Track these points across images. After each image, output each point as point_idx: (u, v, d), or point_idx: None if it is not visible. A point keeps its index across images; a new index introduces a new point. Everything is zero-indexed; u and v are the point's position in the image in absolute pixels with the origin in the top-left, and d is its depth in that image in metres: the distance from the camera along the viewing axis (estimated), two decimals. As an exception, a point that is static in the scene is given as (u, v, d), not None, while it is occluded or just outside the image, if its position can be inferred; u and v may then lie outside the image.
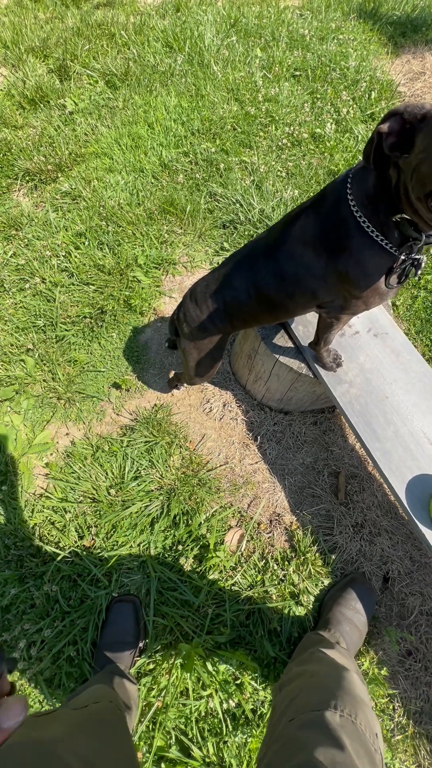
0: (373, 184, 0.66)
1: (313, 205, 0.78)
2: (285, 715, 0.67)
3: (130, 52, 2.44)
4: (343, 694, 0.66)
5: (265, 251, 0.86)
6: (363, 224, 0.68)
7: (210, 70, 2.29)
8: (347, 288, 0.77)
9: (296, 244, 0.79)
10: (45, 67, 2.43)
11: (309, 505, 1.26)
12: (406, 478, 0.94)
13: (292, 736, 0.60)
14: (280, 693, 0.79)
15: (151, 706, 1.02)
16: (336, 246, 0.73)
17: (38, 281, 1.60)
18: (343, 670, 0.77)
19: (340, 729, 0.58)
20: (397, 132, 0.57)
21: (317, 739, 0.56)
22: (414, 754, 0.98)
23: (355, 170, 0.69)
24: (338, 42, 2.50)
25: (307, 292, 0.83)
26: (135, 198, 1.82)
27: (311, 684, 0.74)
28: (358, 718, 0.61)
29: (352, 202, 0.68)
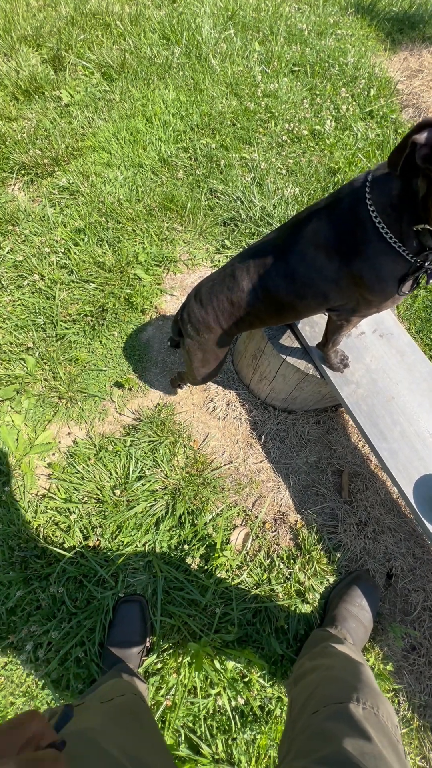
0: (398, 193, 0.65)
1: (327, 207, 0.77)
2: (306, 708, 0.68)
3: (126, 43, 2.39)
4: (363, 687, 0.67)
5: (274, 252, 0.85)
6: (382, 230, 0.68)
7: (208, 63, 2.26)
8: (361, 292, 0.77)
9: (308, 246, 0.79)
10: (39, 56, 2.37)
11: (313, 503, 1.27)
12: (413, 478, 0.95)
13: (318, 728, 0.61)
14: (295, 687, 0.80)
15: (159, 705, 1.03)
16: (352, 250, 0.73)
17: (37, 278, 1.57)
18: (358, 664, 0.78)
19: (365, 721, 0.59)
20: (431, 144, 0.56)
21: (344, 730, 0.57)
22: (419, 747, 1.00)
23: (377, 175, 0.69)
24: (336, 37, 2.49)
25: (318, 294, 0.82)
26: (134, 194, 1.80)
27: (329, 677, 0.76)
28: (380, 710, 0.63)
29: (371, 207, 0.68)
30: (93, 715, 0.62)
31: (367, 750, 0.54)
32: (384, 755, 0.53)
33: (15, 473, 1.28)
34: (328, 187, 1.83)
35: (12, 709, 1.03)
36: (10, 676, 1.05)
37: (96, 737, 0.53)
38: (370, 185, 0.68)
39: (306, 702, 0.70)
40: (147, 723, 0.69)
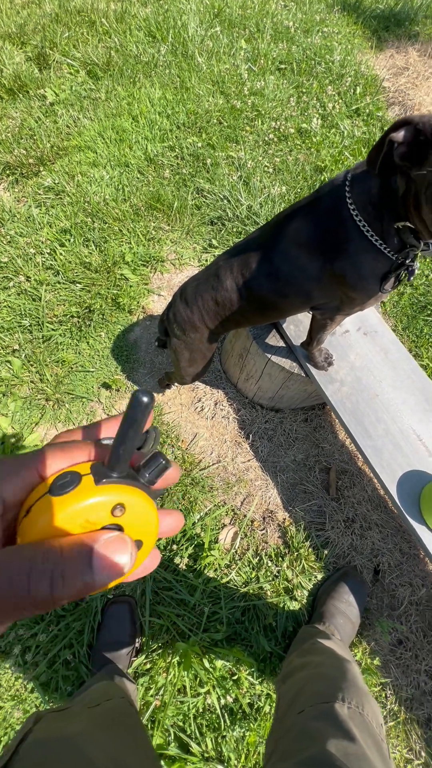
0: (377, 191, 0.66)
1: (308, 205, 0.77)
2: (293, 707, 0.69)
3: (112, 40, 2.37)
4: (349, 686, 0.68)
5: (258, 251, 0.85)
6: (363, 228, 0.68)
7: (194, 61, 2.25)
8: (343, 290, 0.77)
9: (291, 245, 0.79)
10: (23, 54, 2.35)
11: (301, 501, 1.28)
12: (396, 475, 0.96)
13: (303, 727, 0.61)
14: (284, 684, 0.81)
15: (149, 705, 1.03)
16: (333, 248, 0.73)
17: (22, 279, 1.56)
18: (345, 661, 0.79)
19: (349, 720, 0.59)
20: (409, 142, 0.57)
21: (328, 731, 0.57)
22: (406, 739, 1.02)
23: (356, 174, 0.69)
24: (323, 35, 2.49)
25: (301, 293, 0.83)
26: (121, 193, 1.79)
27: (316, 675, 0.76)
28: (365, 709, 0.63)
29: (352, 206, 0.68)
30: (78, 720, 0.61)
31: (351, 751, 0.54)
32: (368, 756, 0.54)
33: None
34: (314, 185, 1.83)
35: (1, 713, 1.03)
36: (-2, 680, 1.05)
37: (80, 743, 0.53)
38: (350, 183, 0.68)
39: (293, 700, 0.71)
40: (134, 727, 0.69)
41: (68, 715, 0.63)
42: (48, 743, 0.51)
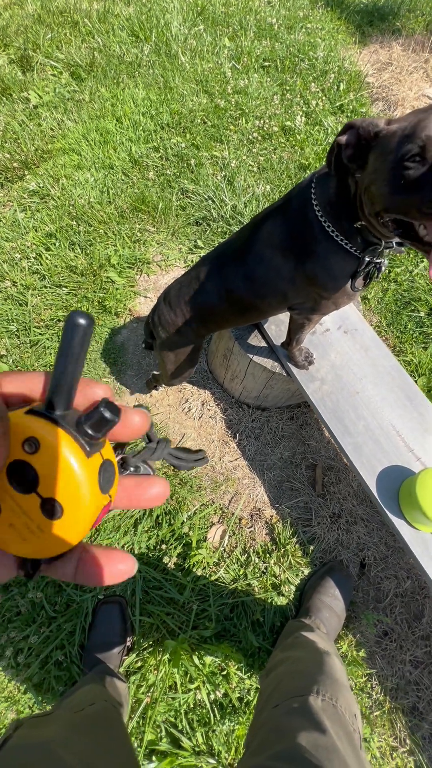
0: (335, 191, 0.67)
1: (279, 208, 0.79)
2: (270, 701, 0.71)
3: (95, 41, 2.36)
4: (324, 679, 0.69)
5: (234, 254, 0.87)
6: (327, 228, 0.69)
7: (178, 61, 2.25)
8: (316, 290, 0.79)
9: (265, 247, 0.81)
10: (5, 57, 2.34)
11: (288, 498, 1.30)
12: (376, 471, 0.98)
13: (276, 722, 0.63)
14: (266, 679, 0.83)
15: (140, 702, 1.05)
16: (303, 250, 0.75)
17: (9, 284, 1.56)
18: (324, 654, 0.80)
19: (322, 713, 0.61)
20: (354, 145, 0.58)
21: (300, 724, 0.59)
22: (391, 728, 1.04)
23: (320, 175, 0.70)
24: (306, 31, 2.49)
25: (277, 294, 0.84)
26: (105, 196, 1.79)
27: (294, 670, 0.78)
28: (339, 701, 0.65)
29: (317, 206, 0.69)
30: (59, 726, 0.62)
31: (321, 743, 0.55)
32: (338, 746, 0.55)
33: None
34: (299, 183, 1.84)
35: (-5, 714, 1.04)
36: (-9, 682, 1.07)
37: (54, 748, 0.53)
38: (315, 185, 0.70)
39: (270, 695, 0.73)
40: (113, 731, 0.69)
41: (49, 720, 0.63)
42: (23, 749, 0.52)
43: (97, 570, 0.23)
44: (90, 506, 0.20)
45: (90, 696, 0.80)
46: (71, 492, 0.20)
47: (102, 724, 0.69)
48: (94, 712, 0.72)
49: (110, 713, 0.76)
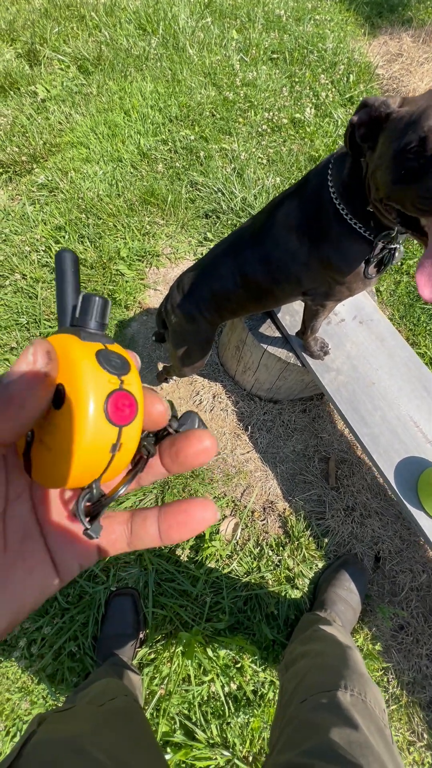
0: (349, 172, 0.66)
1: (296, 190, 0.77)
2: (296, 696, 0.69)
3: (102, 34, 2.35)
4: (350, 674, 0.68)
5: (251, 238, 0.86)
6: (342, 211, 0.68)
7: (185, 53, 2.23)
8: (330, 274, 0.77)
9: (281, 230, 0.79)
10: (13, 51, 2.33)
11: (301, 491, 1.29)
12: (394, 462, 0.96)
13: (306, 717, 0.61)
14: (286, 672, 0.81)
15: (154, 694, 1.04)
16: (317, 233, 0.74)
17: (18, 277, 1.56)
18: (346, 648, 0.79)
19: (352, 708, 0.59)
20: (367, 123, 0.57)
21: (331, 720, 0.57)
22: (408, 722, 1.03)
23: (337, 155, 0.69)
24: (315, 23, 2.46)
25: (292, 278, 0.83)
26: (114, 189, 1.78)
27: (318, 664, 0.77)
28: (368, 696, 0.64)
29: (332, 188, 0.68)
30: (83, 720, 0.61)
31: (354, 738, 0.54)
32: (371, 743, 0.54)
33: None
34: (309, 175, 1.82)
35: (9, 705, 1.04)
36: (5, 673, 1.06)
37: (84, 744, 0.52)
38: (332, 166, 0.68)
39: (295, 689, 0.71)
40: (139, 726, 0.69)
41: (72, 715, 0.63)
42: (52, 744, 0.51)
43: (180, 524, 0.23)
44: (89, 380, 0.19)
45: (110, 690, 0.79)
46: (70, 371, 0.19)
47: (126, 720, 0.68)
48: (116, 707, 0.71)
49: (132, 708, 0.75)
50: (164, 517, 0.23)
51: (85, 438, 0.18)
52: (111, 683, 0.84)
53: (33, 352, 0.19)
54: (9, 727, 1.03)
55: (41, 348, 0.19)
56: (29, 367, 0.18)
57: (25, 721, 1.03)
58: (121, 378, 0.20)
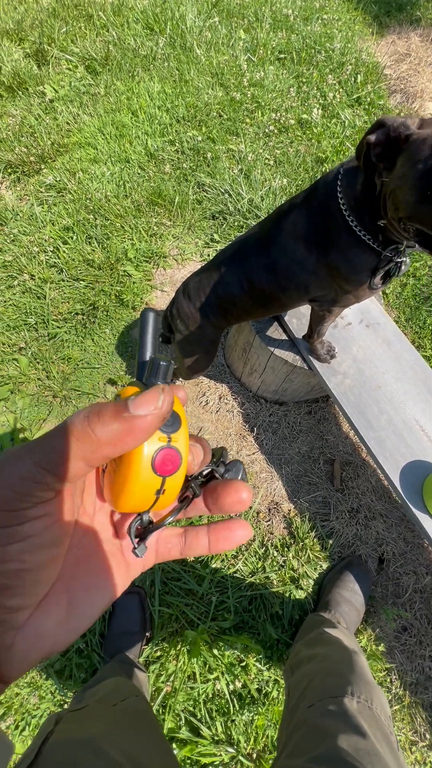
0: (361, 187, 0.66)
1: (304, 199, 0.78)
2: (303, 701, 0.70)
3: (110, 34, 2.35)
4: (357, 680, 0.69)
5: (257, 245, 0.86)
6: (351, 223, 0.69)
7: (193, 53, 2.23)
8: (338, 282, 0.78)
9: (288, 238, 0.80)
10: (21, 51, 2.34)
11: (306, 492, 1.30)
12: (399, 465, 0.97)
13: (313, 723, 0.62)
14: (292, 675, 0.82)
15: (160, 691, 1.06)
16: (326, 242, 0.74)
17: (27, 278, 1.57)
18: (352, 653, 0.80)
19: (359, 715, 0.60)
20: (383, 143, 0.57)
21: (339, 726, 0.58)
22: (411, 722, 1.04)
23: (348, 167, 0.69)
24: (323, 22, 2.45)
25: (299, 285, 0.84)
26: (122, 190, 1.79)
27: (324, 668, 0.77)
28: (374, 703, 0.64)
29: (342, 200, 0.68)
30: (98, 721, 0.62)
31: (362, 746, 0.55)
32: (378, 750, 0.55)
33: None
34: (315, 176, 1.82)
35: (17, 700, 1.06)
36: (14, 668, 1.08)
37: (102, 745, 0.53)
38: (342, 177, 0.69)
39: (303, 693, 0.72)
40: (152, 728, 0.70)
41: (87, 715, 0.63)
42: (70, 744, 0.52)
43: (226, 538, 0.27)
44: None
45: (121, 690, 0.79)
46: None
47: (140, 720, 0.69)
48: (129, 708, 0.72)
49: (144, 708, 0.76)
50: (213, 532, 0.28)
51: (135, 484, 0.23)
52: (121, 682, 0.85)
53: (163, 401, 0.21)
54: (18, 721, 1.05)
55: (170, 399, 0.21)
56: (156, 411, 0.20)
57: (34, 715, 1.05)
58: (170, 436, 0.23)
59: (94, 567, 0.25)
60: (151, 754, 0.59)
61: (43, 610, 0.22)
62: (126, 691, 0.78)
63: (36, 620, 0.21)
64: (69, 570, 0.24)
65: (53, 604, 0.22)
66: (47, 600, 0.22)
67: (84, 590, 0.24)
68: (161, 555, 0.28)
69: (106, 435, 0.19)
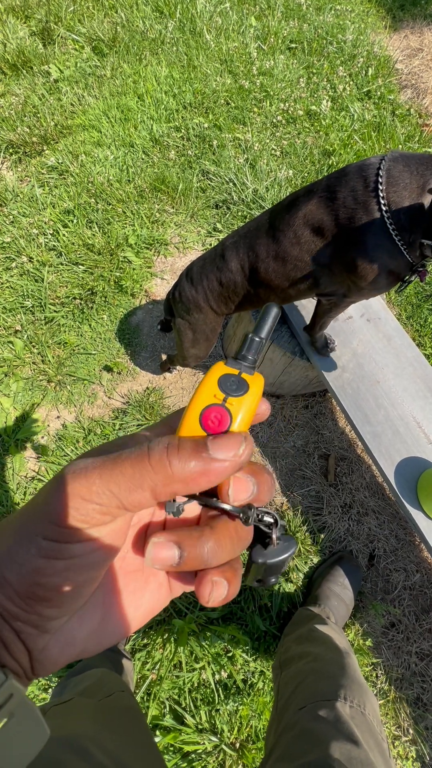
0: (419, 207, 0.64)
1: (326, 188, 0.74)
2: (293, 702, 0.69)
3: (118, 15, 2.31)
4: (349, 683, 0.68)
5: (266, 233, 0.83)
6: (390, 228, 0.66)
7: (202, 39, 2.19)
8: (353, 279, 0.76)
9: (303, 227, 0.77)
10: (27, 29, 2.29)
11: (299, 486, 1.29)
12: (395, 461, 0.96)
13: (304, 727, 0.61)
14: (281, 673, 0.81)
15: (145, 678, 1.06)
16: (350, 237, 0.71)
17: (25, 260, 1.55)
18: (344, 654, 0.79)
19: (351, 721, 0.59)
20: None
21: (331, 732, 0.57)
22: (395, 717, 1.04)
23: (392, 166, 0.65)
24: (335, 13, 2.41)
25: (308, 278, 0.81)
26: (125, 174, 1.76)
27: (316, 669, 0.76)
28: (366, 708, 0.63)
29: (384, 201, 0.65)
30: (82, 716, 0.61)
31: (355, 755, 0.54)
32: (371, 760, 0.54)
33: (3, 456, 1.29)
34: (322, 169, 1.80)
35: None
36: None
37: (88, 746, 0.52)
38: (386, 180, 0.66)
39: (293, 694, 0.71)
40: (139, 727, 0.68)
41: (70, 708, 0.62)
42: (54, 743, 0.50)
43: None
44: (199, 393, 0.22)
45: (106, 684, 0.77)
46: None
47: (126, 718, 0.67)
48: (115, 704, 0.70)
49: (130, 704, 0.74)
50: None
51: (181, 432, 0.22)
52: (106, 676, 0.82)
53: (244, 449, 0.20)
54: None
55: (250, 448, 0.20)
56: (235, 458, 0.20)
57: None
58: (228, 397, 0.22)
59: (132, 584, 0.24)
60: (137, 756, 0.58)
61: (78, 620, 0.22)
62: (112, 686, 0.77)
63: (70, 627, 0.21)
64: (107, 585, 0.23)
65: (88, 617, 0.22)
66: (83, 610, 0.22)
67: (118, 607, 0.23)
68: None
69: (181, 472, 0.19)
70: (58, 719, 0.58)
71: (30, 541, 0.19)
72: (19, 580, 0.19)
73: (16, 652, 0.20)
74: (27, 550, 0.19)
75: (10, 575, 0.19)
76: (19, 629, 0.19)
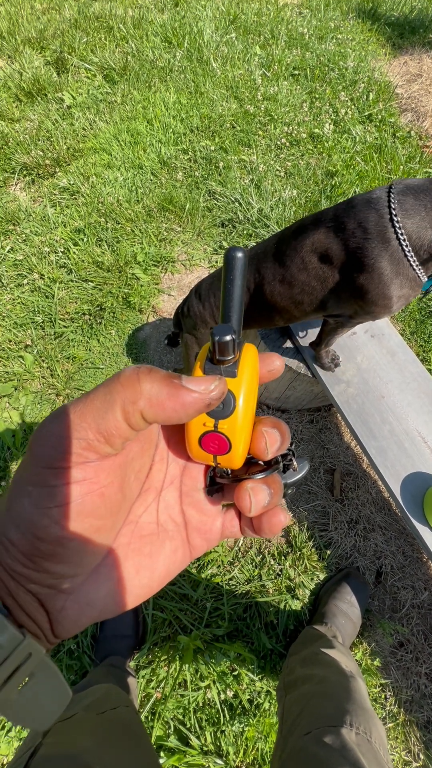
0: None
1: (334, 217, 0.75)
2: (298, 725, 0.68)
3: (129, 46, 2.42)
4: (355, 708, 0.67)
5: (275, 257, 0.84)
6: (408, 255, 0.68)
7: (209, 66, 2.29)
8: (360, 304, 0.77)
9: (312, 255, 0.78)
10: (42, 59, 2.41)
11: (305, 501, 1.29)
12: (400, 476, 0.97)
13: (309, 753, 0.60)
14: (286, 696, 0.80)
15: (150, 697, 1.04)
16: (358, 264, 0.72)
17: (36, 277, 1.59)
18: (350, 678, 0.77)
19: (357, 748, 0.58)
20: None
21: (337, 760, 0.56)
22: (405, 741, 1.02)
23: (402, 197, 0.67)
24: (337, 42, 2.51)
25: (316, 302, 0.83)
26: (134, 195, 1.82)
27: (321, 692, 0.75)
28: (372, 735, 0.62)
29: (401, 230, 0.67)
30: (86, 733, 0.60)
31: None
32: None
33: (12, 468, 1.30)
34: (325, 189, 1.84)
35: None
36: (3, 667, 1.07)
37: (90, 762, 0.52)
38: (399, 208, 0.67)
39: (298, 717, 0.70)
40: (141, 739, 0.68)
41: (74, 725, 0.62)
42: (57, 761, 0.51)
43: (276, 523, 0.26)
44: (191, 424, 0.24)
45: (111, 699, 0.77)
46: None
47: (129, 734, 0.67)
48: (118, 720, 0.69)
49: (133, 719, 0.74)
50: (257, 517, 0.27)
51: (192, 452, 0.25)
52: (111, 691, 0.82)
53: (215, 387, 0.21)
54: (4, 721, 1.03)
55: (221, 390, 0.21)
56: (204, 392, 0.20)
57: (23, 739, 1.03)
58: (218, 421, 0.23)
59: (147, 548, 0.25)
60: None
61: (94, 581, 0.22)
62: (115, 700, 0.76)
63: (87, 588, 0.22)
64: (123, 546, 0.24)
65: (103, 578, 0.23)
66: (98, 571, 0.22)
67: (136, 569, 0.24)
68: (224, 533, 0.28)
69: (149, 390, 0.19)
70: (62, 735, 0.58)
71: (21, 494, 0.19)
72: (21, 539, 0.19)
73: (34, 612, 0.20)
74: (21, 503, 0.19)
75: (12, 535, 0.19)
76: (35, 591, 0.20)
